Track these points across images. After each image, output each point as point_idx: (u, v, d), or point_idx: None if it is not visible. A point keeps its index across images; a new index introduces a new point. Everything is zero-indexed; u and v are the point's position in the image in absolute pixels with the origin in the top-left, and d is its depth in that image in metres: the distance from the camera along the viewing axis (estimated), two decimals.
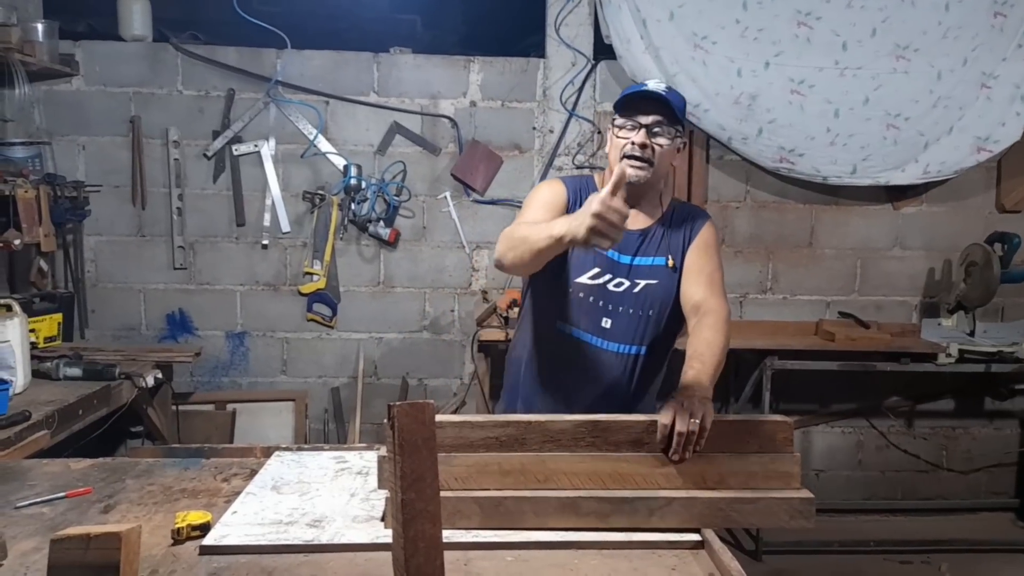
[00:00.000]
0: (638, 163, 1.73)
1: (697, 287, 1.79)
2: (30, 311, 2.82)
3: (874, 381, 3.65)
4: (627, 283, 1.81)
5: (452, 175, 3.51)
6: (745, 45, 3.33)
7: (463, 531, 1.33)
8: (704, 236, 1.84)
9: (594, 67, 3.49)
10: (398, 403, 1.04)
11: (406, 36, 3.67)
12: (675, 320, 1.86)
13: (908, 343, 3.36)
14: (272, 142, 3.44)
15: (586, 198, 1.71)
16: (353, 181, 3.40)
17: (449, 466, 1.34)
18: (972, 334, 3.42)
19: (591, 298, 1.81)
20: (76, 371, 2.57)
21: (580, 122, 3.50)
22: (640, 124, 1.73)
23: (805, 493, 1.39)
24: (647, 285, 1.80)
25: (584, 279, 1.81)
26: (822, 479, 3.78)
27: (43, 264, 3.26)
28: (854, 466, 3.83)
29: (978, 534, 3.56)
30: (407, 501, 1.02)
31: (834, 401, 3.77)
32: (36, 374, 2.53)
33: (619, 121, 1.76)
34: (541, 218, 1.74)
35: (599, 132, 3.52)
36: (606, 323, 1.81)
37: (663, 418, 1.40)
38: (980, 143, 3.42)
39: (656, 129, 1.73)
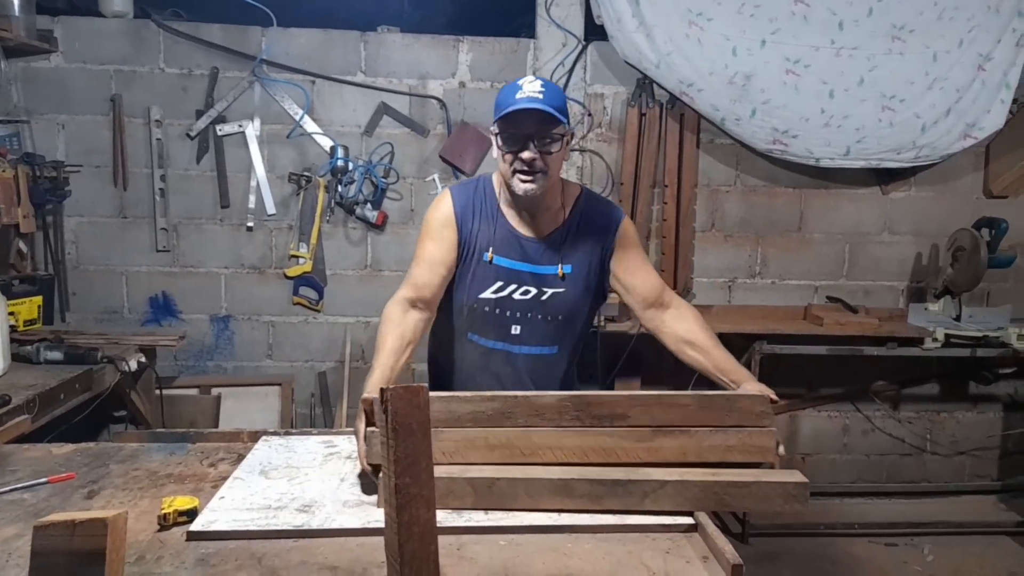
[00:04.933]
0: (529, 176, 1.70)
1: (645, 282, 1.84)
2: (9, 294, 2.77)
3: (861, 365, 3.67)
4: (534, 291, 1.81)
5: (441, 157, 3.47)
6: (741, 22, 3.28)
7: (456, 515, 1.32)
8: (626, 234, 1.85)
9: (585, 48, 3.45)
10: (391, 386, 1.02)
11: (393, 15, 3.60)
12: (586, 322, 1.90)
13: (895, 328, 3.37)
14: (257, 122, 3.38)
15: (479, 206, 1.79)
16: (340, 163, 3.35)
17: (437, 440, 1.33)
18: (958, 319, 3.43)
19: (497, 310, 1.81)
20: (57, 355, 2.52)
21: (570, 104, 3.46)
22: (525, 135, 1.67)
23: (799, 477, 1.38)
24: (554, 293, 1.81)
25: (487, 294, 1.80)
26: (809, 463, 3.80)
27: (22, 246, 3.20)
28: (840, 450, 3.86)
29: (961, 516, 3.60)
30: (401, 486, 1.00)
31: (821, 385, 3.79)
32: (16, 358, 2.48)
33: (502, 136, 1.70)
34: (424, 265, 1.78)
35: (589, 114, 3.50)
36: (516, 330, 1.82)
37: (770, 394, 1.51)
38: (967, 129, 3.41)
39: (543, 138, 1.68)
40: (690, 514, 1.35)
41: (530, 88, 1.67)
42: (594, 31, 3.41)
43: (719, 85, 3.32)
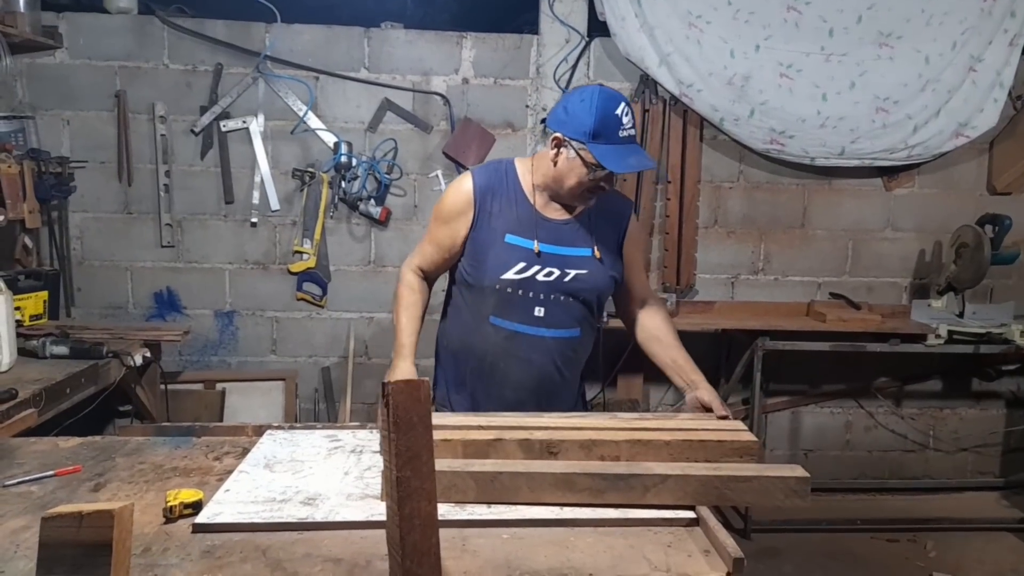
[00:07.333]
0: (595, 196, 1.82)
1: (640, 280, 1.99)
2: (15, 288, 2.77)
3: (864, 362, 3.67)
4: (558, 272, 1.83)
5: (444, 153, 3.48)
6: (737, 27, 3.33)
7: (459, 509, 1.33)
8: (635, 229, 1.97)
9: (588, 44, 3.45)
10: (393, 380, 1.03)
11: (396, 11, 3.61)
12: (605, 303, 1.99)
13: (898, 324, 3.37)
14: (261, 118, 3.39)
15: (501, 188, 1.84)
16: (344, 158, 3.36)
17: None
18: (961, 315, 3.43)
19: (520, 291, 1.82)
20: (63, 349, 2.53)
21: None
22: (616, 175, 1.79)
23: (800, 471, 1.39)
24: (578, 274, 1.83)
25: (510, 275, 1.81)
26: (811, 459, 3.81)
27: (28, 241, 3.21)
28: (842, 446, 3.86)
29: (964, 513, 3.61)
30: (403, 479, 1.01)
31: (824, 382, 3.80)
32: (22, 352, 2.49)
33: (594, 164, 1.75)
34: (433, 246, 1.91)
35: None
36: (539, 312, 1.83)
37: (715, 404, 1.72)
38: (959, 128, 3.45)
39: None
40: (692, 508, 1.36)
41: (627, 123, 1.73)
42: (597, 27, 3.41)
43: (718, 86, 3.35)
